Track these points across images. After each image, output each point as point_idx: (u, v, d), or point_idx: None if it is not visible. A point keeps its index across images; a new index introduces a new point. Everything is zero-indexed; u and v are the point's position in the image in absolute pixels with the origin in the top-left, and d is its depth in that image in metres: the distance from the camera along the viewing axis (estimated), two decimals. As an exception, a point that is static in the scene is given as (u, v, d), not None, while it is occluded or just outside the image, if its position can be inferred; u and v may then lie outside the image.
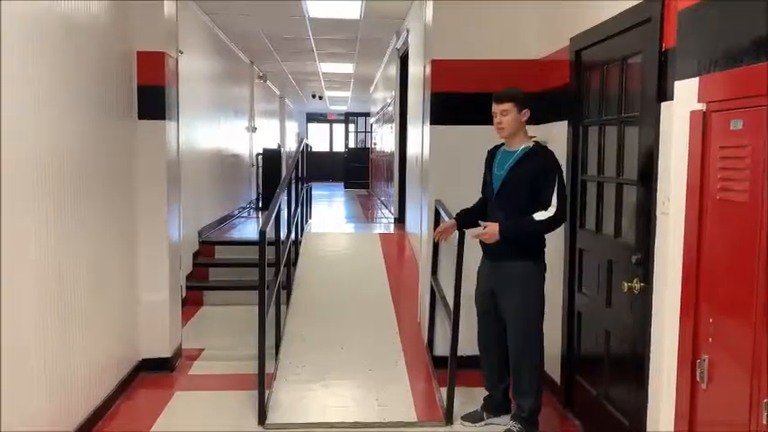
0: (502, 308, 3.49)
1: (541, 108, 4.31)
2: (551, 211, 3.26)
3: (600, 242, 3.51)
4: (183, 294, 6.11)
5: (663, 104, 2.72)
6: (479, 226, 3.50)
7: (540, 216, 3.27)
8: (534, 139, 3.47)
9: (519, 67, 4.42)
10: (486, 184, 3.61)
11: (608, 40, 3.34)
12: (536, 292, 3.44)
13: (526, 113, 3.39)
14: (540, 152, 3.40)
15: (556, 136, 4.05)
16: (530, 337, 3.43)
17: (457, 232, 3.74)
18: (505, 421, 3.59)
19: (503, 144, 3.54)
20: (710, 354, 2.21)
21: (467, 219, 3.70)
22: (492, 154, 3.59)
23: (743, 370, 2.02)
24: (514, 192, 3.37)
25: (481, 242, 3.50)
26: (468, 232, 3.68)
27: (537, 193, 3.30)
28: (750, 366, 1.98)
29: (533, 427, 3.49)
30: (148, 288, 4.47)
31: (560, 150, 3.96)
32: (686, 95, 2.40)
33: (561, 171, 3.37)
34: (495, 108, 3.40)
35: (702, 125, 2.27)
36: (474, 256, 3.69)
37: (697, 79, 2.33)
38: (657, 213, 2.76)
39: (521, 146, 3.42)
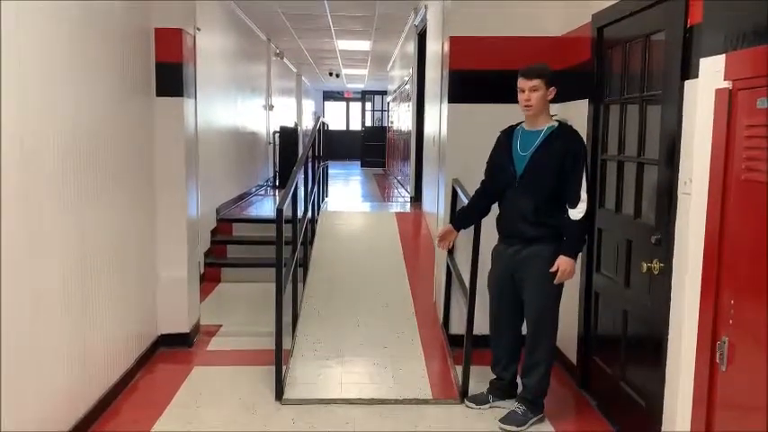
0: (523, 288, 3.42)
1: (562, 86, 4.26)
2: (583, 207, 3.20)
3: (619, 222, 3.48)
4: (201, 271, 6.18)
5: (687, 82, 2.66)
6: (475, 224, 3.64)
7: (576, 216, 3.21)
8: (555, 117, 3.40)
9: (539, 44, 4.35)
10: (498, 169, 3.48)
11: (631, 17, 3.27)
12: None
13: (553, 91, 3.30)
14: (565, 133, 3.30)
15: (576, 114, 3.99)
16: (548, 315, 3.41)
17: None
18: (510, 405, 3.55)
19: (518, 124, 3.45)
20: (731, 335, 2.19)
21: (465, 221, 3.71)
22: (508, 135, 3.44)
23: (764, 352, 2.01)
24: (541, 176, 3.26)
25: (500, 226, 3.50)
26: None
27: (564, 179, 3.23)
28: (771, 349, 1.97)
29: (538, 408, 3.47)
30: (167, 265, 4.51)
31: (581, 129, 3.90)
32: (711, 73, 2.36)
33: (587, 156, 3.31)
34: (524, 84, 3.27)
35: (728, 104, 2.23)
36: (488, 236, 3.67)
37: (723, 56, 2.28)
38: (679, 193, 2.72)
39: (545, 125, 3.31)
